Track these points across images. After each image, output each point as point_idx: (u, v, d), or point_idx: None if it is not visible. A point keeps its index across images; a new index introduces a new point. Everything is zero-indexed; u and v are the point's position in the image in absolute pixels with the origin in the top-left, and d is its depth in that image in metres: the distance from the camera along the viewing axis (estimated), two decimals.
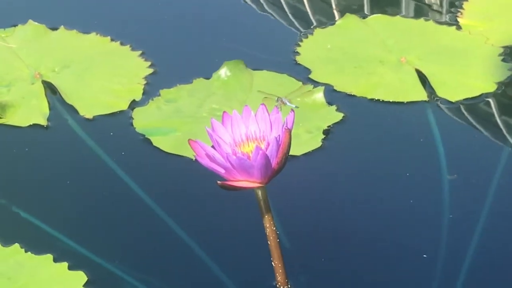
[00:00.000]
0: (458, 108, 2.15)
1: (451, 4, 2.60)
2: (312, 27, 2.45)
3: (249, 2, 2.66)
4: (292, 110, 1.89)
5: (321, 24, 2.46)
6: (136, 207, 1.86)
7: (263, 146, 1.52)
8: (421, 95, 2.17)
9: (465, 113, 2.14)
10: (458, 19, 2.44)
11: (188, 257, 1.73)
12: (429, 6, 2.69)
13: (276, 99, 2.09)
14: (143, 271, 1.69)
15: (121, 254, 1.73)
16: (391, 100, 2.15)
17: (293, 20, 2.56)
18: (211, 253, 1.73)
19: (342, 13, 2.49)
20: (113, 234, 1.81)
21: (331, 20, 2.48)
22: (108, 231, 1.82)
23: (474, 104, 2.16)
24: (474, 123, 2.13)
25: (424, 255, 1.72)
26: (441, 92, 2.17)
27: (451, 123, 2.12)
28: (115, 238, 1.80)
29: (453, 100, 2.15)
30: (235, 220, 1.80)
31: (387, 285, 1.69)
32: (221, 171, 1.52)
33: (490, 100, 2.17)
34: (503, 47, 2.32)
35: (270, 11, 2.61)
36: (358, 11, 2.51)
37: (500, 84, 2.20)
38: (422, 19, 2.48)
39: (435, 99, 2.16)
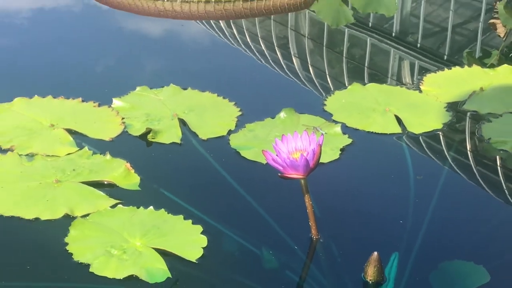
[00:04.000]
0: (419, 136, 2.13)
1: (416, 78, 2.59)
2: (333, 90, 2.42)
3: (294, 78, 2.63)
4: (322, 134, 1.91)
5: (338, 89, 2.43)
6: (230, 190, 1.85)
7: (305, 154, 1.55)
8: (397, 129, 2.15)
9: (425, 139, 2.13)
10: (420, 87, 2.40)
11: (259, 220, 1.73)
12: (403, 79, 2.67)
13: (312, 128, 2.08)
14: (235, 228, 1.69)
15: (223, 217, 1.73)
16: (379, 132, 2.14)
17: (320, 89, 2.54)
18: (275, 218, 1.73)
19: (350, 83, 2.45)
20: (218, 205, 1.81)
21: (344, 87, 2.45)
22: (215, 203, 1.81)
23: (429, 135, 2.15)
24: (429, 145, 2.11)
25: (401, 221, 1.74)
26: (409, 128, 2.16)
27: (416, 146, 2.10)
28: (220, 207, 1.79)
29: (416, 133, 2.14)
30: (288, 197, 1.78)
31: (380, 234, 1.70)
32: (281, 168, 1.55)
33: (438, 132, 2.16)
34: (447, 103, 2.30)
35: (307, 84, 2.59)
36: (360, 81, 2.50)
37: (444, 124, 2.19)
38: (398, 86, 2.45)
39: (406, 132, 2.15)
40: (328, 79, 2.65)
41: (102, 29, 3.16)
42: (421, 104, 2.30)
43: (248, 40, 3.01)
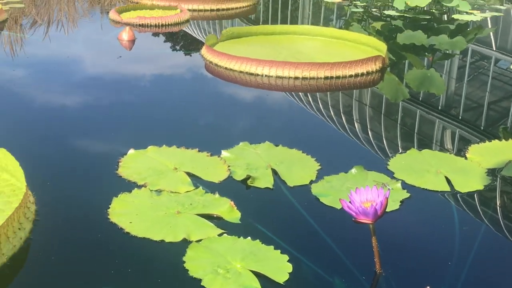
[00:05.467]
0: (464, 195, 2.11)
1: (461, 147, 2.55)
2: (393, 153, 2.41)
3: (355, 139, 2.64)
4: (389, 189, 1.92)
5: (393, 149, 2.44)
6: (311, 228, 1.86)
7: (374, 204, 1.56)
8: (446, 188, 2.14)
9: (466, 197, 2.10)
10: (466, 155, 2.39)
11: (333, 254, 1.74)
12: (446, 145, 2.64)
13: (381, 183, 2.08)
14: (314, 259, 1.71)
15: (304, 249, 1.75)
16: (432, 189, 2.12)
17: (377, 149, 2.54)
18: (346, 254, 1.73)
19: (402, 145, 2.45)
20: (301, 239, 1.82)
21: (398, 149, 2.47)
22: (299, 238, 1.82)
23: (472, 194, 2.12)
24: (472, 202, 2.09)
25: (449, 262, 1.72)
26: (456, 187, 2.14)
27: (461, 202, 2.08)
28: (302, 241, 1.80)
29: (462, 191, 2.12)
30: (357, 237, 1.79)
31: (431, 271, 1.68)
32: (354, 214, 1.57)
33: (479, 193, 2.14)
34: (487, 169, 2.28)
35: (366, 144, 2.59)
36: (410, 144, 2.49)
37: (485, 186, 2.16)
38: (447, 153, 2.44)
39: (454, 190, 2.13)
40: (384, 141, 2.65)
41: (212, 94, 3.22)
42: (466, 168, 2.28)
43: (321, 107, 3.05)
